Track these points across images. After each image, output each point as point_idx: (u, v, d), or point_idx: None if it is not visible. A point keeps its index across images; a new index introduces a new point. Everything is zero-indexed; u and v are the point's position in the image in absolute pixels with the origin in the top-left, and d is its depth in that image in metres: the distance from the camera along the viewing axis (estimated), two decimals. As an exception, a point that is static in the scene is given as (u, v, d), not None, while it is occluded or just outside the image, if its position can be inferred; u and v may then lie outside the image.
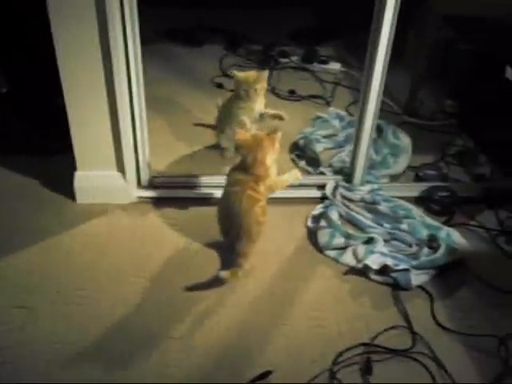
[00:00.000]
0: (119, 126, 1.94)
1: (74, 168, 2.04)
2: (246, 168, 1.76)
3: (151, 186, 2.14)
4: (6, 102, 2.38)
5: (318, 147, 2.38)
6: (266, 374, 1.52)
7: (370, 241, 1.92)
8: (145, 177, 2.12)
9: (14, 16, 2.23)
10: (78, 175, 2.05)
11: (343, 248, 1.92)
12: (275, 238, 1.96)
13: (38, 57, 2.13)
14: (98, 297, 1.73)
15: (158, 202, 2.10)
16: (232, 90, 2.30)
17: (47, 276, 1.79)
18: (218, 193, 2.10)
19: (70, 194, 2.08)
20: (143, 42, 1.90)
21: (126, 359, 1.56)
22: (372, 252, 1.86)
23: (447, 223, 2.04)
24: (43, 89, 2.16)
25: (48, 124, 2.24)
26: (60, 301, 1.72)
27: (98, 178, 2.06)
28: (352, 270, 1.85)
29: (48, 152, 2.24)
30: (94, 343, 1.60)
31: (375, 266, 1.81)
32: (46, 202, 2.09)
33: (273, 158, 1.77)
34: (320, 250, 1.93)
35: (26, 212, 2.04)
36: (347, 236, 1.93)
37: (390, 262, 1.81)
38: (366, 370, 1.54)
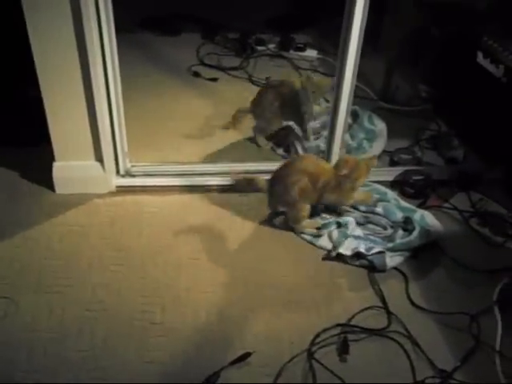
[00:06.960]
0: (96, 115, 1.94)
1: (52, 159, 2.04)
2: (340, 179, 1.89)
3: (130, 174, 2.15)
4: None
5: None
6: (245, 356, 1.55)
7: (342, 224, 1.96)
8: (123, 166, 2.13)
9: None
10: (57, 166, 2.06)
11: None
12: (252, 221, 2.01)
13: (9, 47, 2.10)
14: (79, 285, 1.75)
15: (136, 191, 2.12)
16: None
17: (28, 265, 1.81)
18: (195, 180, 2.13)
19: (49, 184, 2.08)
20: (118, 32, 1.89)
21: (109, 344, 1.58)
22: (346, 236, 1.90)
23: (421, 206, 2.08)
24: (16, 79, 2.14)
25: (24, 115, 2.23)
26: (41, 289, 1.73)
27: (77, 168, 2.06)
28: (329, 256, 1.88)
29: (26, 143, 2.23)
30: (75, 330, 1.61)
31: (349, 253, 1.85)
32: (25, 193, 2.09)
33: (364, 180, 1.94)
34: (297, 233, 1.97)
35: (6, 203, 2.04)
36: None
37: (362, 246, 1.85)
38: (343, 349, 1.58)
